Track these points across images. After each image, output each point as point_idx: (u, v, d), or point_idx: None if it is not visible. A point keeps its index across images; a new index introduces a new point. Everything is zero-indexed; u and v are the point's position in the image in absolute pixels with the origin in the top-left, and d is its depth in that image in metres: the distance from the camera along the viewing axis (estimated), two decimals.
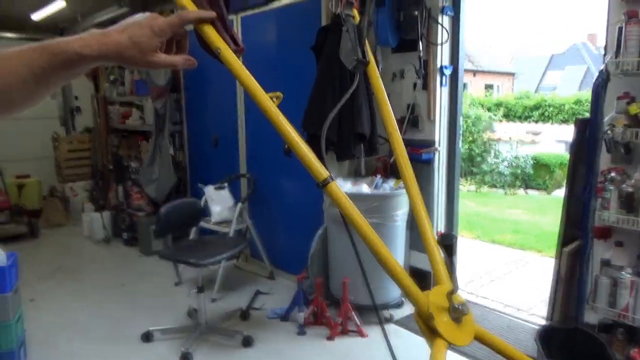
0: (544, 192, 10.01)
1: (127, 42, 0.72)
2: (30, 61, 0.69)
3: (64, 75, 0.72)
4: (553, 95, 15.45)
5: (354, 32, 1.03)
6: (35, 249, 4.95)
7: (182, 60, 0.78)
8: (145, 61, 0.74)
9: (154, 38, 0.73)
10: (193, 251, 3.05)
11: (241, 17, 3.82)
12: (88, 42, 0.71)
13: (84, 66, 0.72)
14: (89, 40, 0.71)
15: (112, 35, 0.72)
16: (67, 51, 0.69)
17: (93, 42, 0.71)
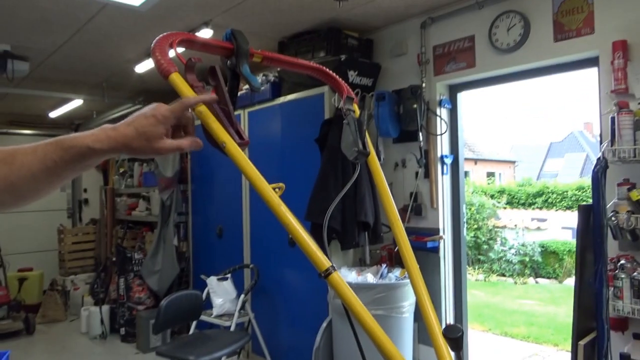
0: (555, 280, 9.75)
1: (134, 134, 0.76)
2: (45, 156, 0.73)
3: (76, 168, 0.76)
4: (555, 182, 15.62)
5: (354, 125, 1.07)
6: (30, 347, 4.76)
7: (188, 143, 0.81)
8: (152, 148, 0.77)
9: (158, 126, 0.77)
10: (192, 347, 2.92)
11: (248, 112, 3.99)
12: (99, 137, 0.75)
13: (95, 159, 0.76)
14: (99, 135, 0.75)
15: (120, 129, 0.76)
16: (80, 146, 0.74)
17: (103, 137, 0.75)
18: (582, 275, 2.38)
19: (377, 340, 0.78)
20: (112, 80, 4.96)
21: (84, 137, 0.75)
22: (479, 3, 3.00)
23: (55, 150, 0.73)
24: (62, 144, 0.73)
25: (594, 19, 2.56)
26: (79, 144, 0.74)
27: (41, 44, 3.82)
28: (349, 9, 3.19)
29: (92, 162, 0.77)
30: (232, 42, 0.98)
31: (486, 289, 8.85)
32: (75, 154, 0.73)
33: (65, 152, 0.73)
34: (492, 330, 5.63)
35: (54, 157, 0.73)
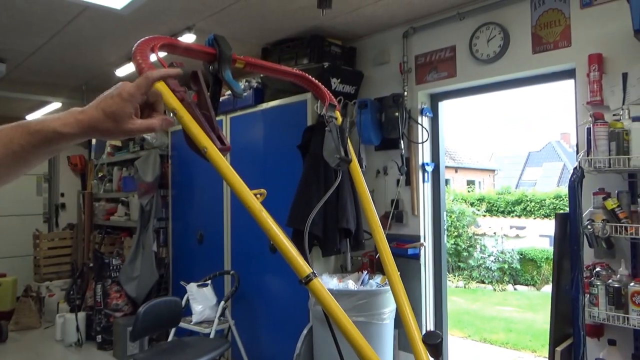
0: (533, 287, 9.89)
1: (101, 115, 0.74)
2: (10, 141, 0.70)
3: (43, 153, 0.73)
4: (533, 191, 15.88)
5: (336, 132, 1.07)
6: (2, 355, 4.62)
7: (159, 122, 0.78)
8: (121, 130, 0.75)
9: (125, 104, 0.75)
10: (171, 355, 2.88)
11: (230, 118, 3.98)
12: (67, 121, 0.73)
13: (64, 143, 0.74)
14: (67, 118, 0.73)
15: (88, 111, 0.74)
16: (47, 130, 0.71)
17: (72, 120, 0.73)
18: (559, 282, 2.42)
19: (358, 346, 0.78)
20: (92, 83, 4.89)
21: (51, 120, 0.72)
22: (460, 14, 3.06)
23: (21, 135, 0.70)
24: (29, 128, 0.71)
25: (571, 32, 2.63)
26: (46, 128, 0.71)
27: (19, 45, 3.75)
28: (332, 17, 3.22)
29: (61, 147, 0.74)
30: (214, 47, 0.98)
31: (466, 295, 8.93)
32: (42, 139, 0.71)
33: (32, 137, 0.70)
34: (472, 337, 5.68)
35: (20, 141, 0.70)
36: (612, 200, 2.29)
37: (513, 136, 44.46)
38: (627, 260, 2.33)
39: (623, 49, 2.42)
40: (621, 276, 2.24)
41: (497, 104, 53.86)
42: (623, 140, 2.20)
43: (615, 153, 2.21)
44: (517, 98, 54.58)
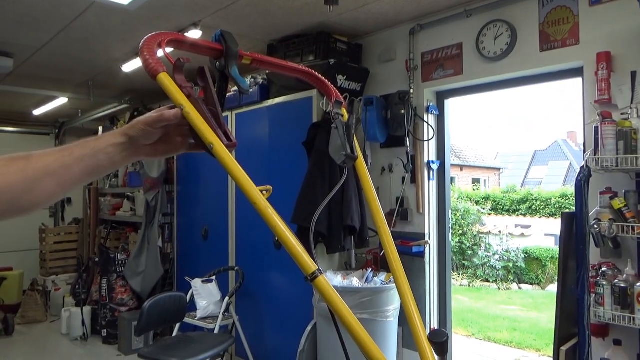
0: (538, 286, 9.86)
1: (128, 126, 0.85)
2: (61, 151, 0.79)
3: (88, 163, 0.81)
4: (539, 190, 15.80)
5: (342, 129, 1.07)
6: (9, 348, 4.66)
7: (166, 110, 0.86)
8: (144, 122, 0.84)
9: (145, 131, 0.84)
10: (175, 350, 2.90)
11: (236, 114, 3.98)
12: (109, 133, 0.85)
13: (104, 156, 0.82)
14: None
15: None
16: (92, 138, 0.82)
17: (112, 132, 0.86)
18: (565, 281, 2.41)
19: (363, 344, 0.78)
20: (99, 79, 4.91)
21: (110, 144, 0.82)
22: (467, 11, 3.04)
23: (71, 145, 0.79)
24: (80, 140, 0.81)
25: (579, 30, 2.60)
26: (92, 137, 0.82)
27: (26, 41, 3.76)
28: (338, 13, 3.21)
29: (103, 159, 0.80)
30: (221, 43, 0.97)
31: (470, 294, 8.91)
32: (83, 145, 0.79)
33: (78, 144, 0.79)
34: (476, 335, 5.67)
35: (69, 150, 0.78)
36: (619, 199, 2.27)
37: (519, 135, 44.26)
38: (633, 260, 2.32)
39: (632, 47, 2.40)
40: (627, 276, 2.23)
41: (503, 102, 53.57)
42: (631, 139, 2.19)
43: (622, 152, 2.19)
44: (523, 96, 54.34)
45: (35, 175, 0.75)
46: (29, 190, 0.74)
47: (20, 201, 0.74)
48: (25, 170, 0.74)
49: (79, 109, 6.29)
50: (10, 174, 0.73)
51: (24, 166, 0.75)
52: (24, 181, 0.74)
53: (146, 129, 0.83)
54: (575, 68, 2.68)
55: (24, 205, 0.75)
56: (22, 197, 0.74)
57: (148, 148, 0.86)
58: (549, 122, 49.47)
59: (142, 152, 0.85)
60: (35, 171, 0.75)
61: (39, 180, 0.75)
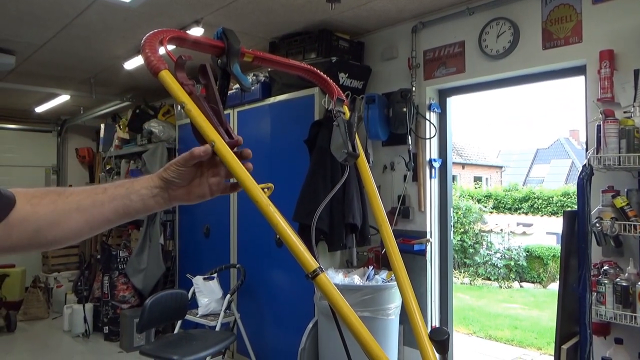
0: (539, 285, 9.85)
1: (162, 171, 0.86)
2: (94, 189, 0.79)
3: (118, 206, 0.80)
4: (541, 188, 15.77)
5: (344, 127, 1.07)
6: (11, 344, 4.68)
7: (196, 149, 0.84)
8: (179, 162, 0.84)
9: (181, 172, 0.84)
10: (177, 347, 2.90)
11: (237, 112, 3.98)
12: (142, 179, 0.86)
13: (138, 200, 0.82)
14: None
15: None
16: (126, 180, 0.83)
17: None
18: (566, 280, 2.41)
19: (364, 341, 0.78)
20: (101, 76, 4.91)
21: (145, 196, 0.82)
22: (470, 9, 3.03)
23: (107, 185, 0.80)
24: (117, 181, 0.82)
25: (582, 28, 2.60)
26: (129, 179, 0.82)
27: (28, 38, 3.77)
28: (340, 11, 3.20)
29: (136, 200, 0.80)
30: (223, 40, 0.97)
31: (471, 292, 8.91)
32: (119, 185, 0.80)
33: (114, 184, 0.79)
34: (477, 334, 5.67)
35: (103, 188, 0.78)
36: (621, 198, 2.27)
37: (521, 133, 44.18)
38: (635, 258, 2.31)
39: (635, 46, 2.39)
40: (629, 275, 2.22)
41: (505, 100, 53.50)
42: (634, 138, 2.18)
43: (625, 151, 2.18)
44: (525, 94, 54.21)
45: (64, 209, 0.74)
46: (55, 223, 0.74)
47: (44, 234, 0.73)
48: (56, 202, 0.74)
49: (80, 107, 6.29)
50: (42, 205, 0.73)
51: (56, 199, 0.74)
52: (52, 214, 0.73)
53: (178, 169, 0.82)
54: (578, 66, 2.67)
55: (48, 239, 0.74)
56: (47, 230, 0.73)
57: (182, 191, 0.84)
58: (551, 120, 49.38)
59: (176, 196, 0.84)
60: (66, 205, 0.74)
61: (67, 214, 0.74)
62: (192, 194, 0.85)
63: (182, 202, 0.86)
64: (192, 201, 0.87)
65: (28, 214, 0.71)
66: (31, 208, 0.72)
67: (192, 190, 0.85)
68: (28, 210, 0.71)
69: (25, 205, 0.72)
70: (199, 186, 0.86)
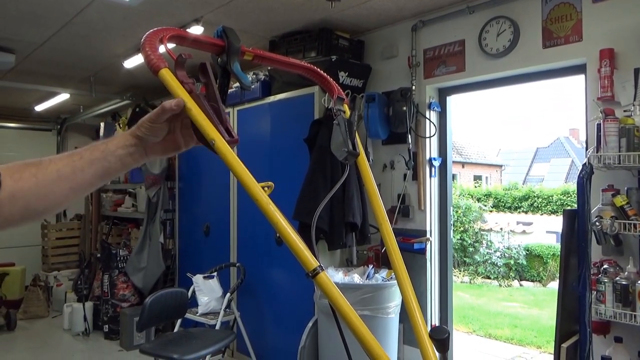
0: (539, 284, 9.85)
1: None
2: (71, 155, 0.80)
3: (98, 166, 0.82)
4: (541, 187, 15.77)
5: (344, 125, 1.07)
6: (11, 343, 4.68)
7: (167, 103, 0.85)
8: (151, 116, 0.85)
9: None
10: (177, 346, 2.90)
11: (237, 110, 3.98)
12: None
13: (114, 159, 0.83)
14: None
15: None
16: (100, 141, 0.84)
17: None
18: (566, 279, 2.41)
19: (364, 340, 0.78)
20: (100, 74, 4.90)
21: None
22: (470, 8, 3.03)
23: (81, 150, 0.80)
24: (89, 144, 0.82)
25: (582, 27, 2.59)
26: (101, 141, 0.83)
27: (28, 37, 3.76)
28: (340, 10, 3.20)
29: (114, 161, 0.81)
30: (223, 39, 0.97)
31: (471, 291, 8.92)
32: (94, 149, 0.81)
33: (88, 148, 0.81)
34: (477, 332, 5.68)
35: (79, 154, 0.79)
36: (621, 197, 2.27)
37: (521, 132, 44.16)
38: (635, 257, 2.31)
39: (635, 44, 2.39)
40: (629, 273, 2.22)
41: (505, 99, 53.47)
42: (634, 137, 2.18)
43: (625, 149, 2.18)
44: (525, 93, 54.18)
45: (47, 179, 0.75)
46: (42, 195, 0.75)
47: (34, 206, 0.75)
48: (37, 175, 0.75)
49: (80, 105, 6.28)
50: (23, 179, 0.74)
51: (36, 171, 0.75)
52: (36, 186, 0.74)
53: (152, 125, 0.83)
54: (578, 65, 2.67)
55: (39, 209, 0.76)
56: (36, 202, 0.75)
57: (158, 146, 0.86)
58: (551, 119, 49.38)
59: (152, 151, 0.86)
60: (47, 175, 0.76)
61: (51, 184, 0.76)
62: (167, 148, 0.88)
63: (160, 155, 0.88)
64: (168, 154, 0.89)
65: (14, 189, 0.72)
66: (14, 183, 0.73)
67: (168, 146, 0.88)
68: (13, 186, 0.72)
69: (8, 181, 0.72)
70: (173, 140, 0.88)
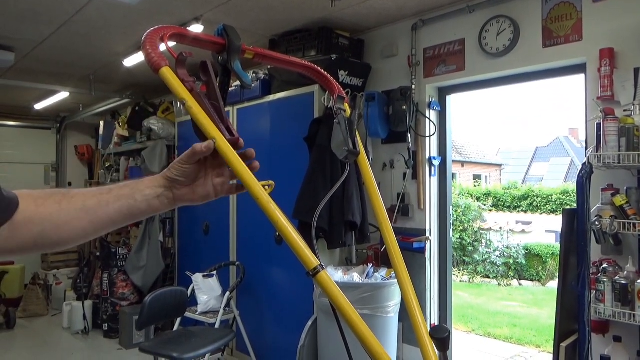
0: (538, 283, 9.86)
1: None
2: (99, 189, 0.79)
3: (123, 206, 0.80)
4: (540, 186, 15.78)
5: (345, 124, 1.07)
6: (10, 341, 4.68)
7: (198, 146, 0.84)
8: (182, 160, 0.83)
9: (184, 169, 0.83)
10: (176, 344, 2.90)
11: (237, 109, 3.97)
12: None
13: (143, 201, 0.81)
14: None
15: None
16: (130, 181, 0.83)
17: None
18: (565, 278, 2.41)
19: (364, 339, 0.78)
20: (100, 73, 4.90)
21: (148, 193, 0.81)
22: (470, 7, 3.03)
23: (112, 185, 0.79)
24: (122, 182, 0.82)
25: (583, 27, 2.59)
26: (134, 180, 0.82)
27: (27, 35, 3.76)
28: (340, 8, 3.20)
29: (141, 200, 0.79)
30: (224, 37, 0.97)
31: (470, 290, 8.92)
32: (124, 186, 0.79)
33: (119, 185, 0.79)
34: (476, 331, 5.68)
35: (108, 189, 0.78)
36: (620, 196, 2.27)
37: (520, 131, 44.17)
38: (634, 257, 2.32)
39: (635, 44, 2.39)
40: (628, 273, 2.23)
41: (505, 98, 53.46)
42: (633, 136, 2.18)
43: (625, 149, 2.19)
44: (525, 92, 54.20)
45: (69, 209, 0.74)
46: (60, 224, 0.73)
47: (49, 234, 0.73)
48: (61, 203, 0.73)
49: (80, 104, 6.28)
50: (46, 205, 0.72)
51: (61, 199, 0.74)
52: (57, 214, 0.73)
53: (182, 167, 0.81)
54: (578, 64, 2.67)
55: (53, 239, 0.74)
56: (52, 231, 0.73)
57: (186, 191, 0.83)
58: (550, 118, 49.38)
59: (181, 196, 0.83)
60: (71, 205, 0.74)
61: (72, 215, 0.74)
62: (196, 193, 0.84)
63: (187, 202, 0.85)
64: (196, 201, 0.85)
65: (33, 214, 0.71)
66: (36, 208, 0.71)
67: (196, 190, 0.84)
68: (33, 211, 0.71)
69: (30, 205, 0.71)
70: (204, 186, 0.85)
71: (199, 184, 0.84)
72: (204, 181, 0.85)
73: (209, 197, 0.86)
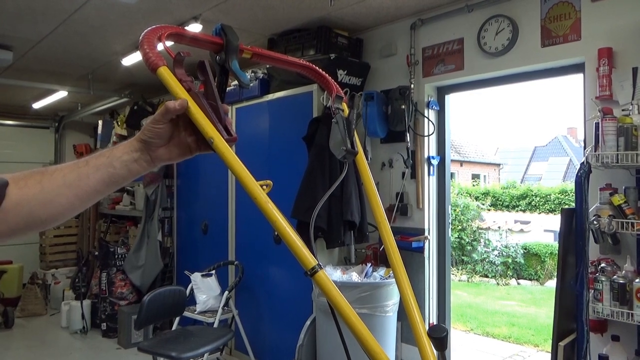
0: (537, 282, 9.87)
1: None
2: (76, 163, 0.79)
3: (103, 172, 0.80)
4: (539, 185, 15.80)
5: (343, 124, 1.06)
6: (8, 341, 4.68)
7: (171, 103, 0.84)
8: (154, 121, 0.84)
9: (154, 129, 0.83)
10: (175, 344, 2.90)
11: (235, 108, 3.97)
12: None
13: (120, 166, 0.82)
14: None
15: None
16: (107, 148, 0.83)
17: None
18: (564, 277, 2.41)
19: (362, 338, 0.78)
20: (98, 72, 4.89)
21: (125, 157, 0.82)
22: (469, 6, 3.03)
23: (88, 157, 0.79)
24: (97, 152, 0.82)
25: (581, 26, 2.60)
26: (108, 148, 0.82)
27: (26, 34, 3.75)
28: (339, 8, 3.19)
29: (119, 167, 0.80)
30: (222, 37, 0.97)
31: (469, 289, 8.93)
32: (100, 155, 0.80)
33: (94, 155, 0.79)
34: (474, 331, 5.69)
35: (85, 161, 0.78)
36: (618, 196, 2.27)
37: (519, 130, 44.22)
38: (632, 256, 2.32)
39: (634, 43, 2.39)
40: (626, 272, 2.23)
41: (503, 97, 53.50)
42: (632, 136, 2.18)
43: (623, 148, 2.19)
44: (524, 92, 54.22)
45: (52, 186, 0.74)
46: (46, 202, 0.74)
47: (38, 214, 0.74)
48: (42, 182, 0.74)
49: (78, 103, 6.27)
50: (28, 186, 0.73)
51: (41, 178, 0.75)
52: (41, 193, 0.74)
53: (154, 127, 0.81)
54: (576, 64, 2.67)
55: (42, 217, 0.75)
56: (40, 210, 0.74)
57: (163, 151, 0.84)
58: (549, 118, 49.46)
59: (158, 157, 0.84)
60: (52, 182, 0.75)
61: (55, 191, 0.75)
62: (173, 152, 0.85)
63: (166, 161, 0.86)
64: (175, 159, 0.87)
65: (19, 197, 0.72)
66: (19, 191, 0.72)
67: (172, 149, 0.85)
68: (18, 194, 0.72)
69: (14, 189, 0.72)
70: (179, 144, 0.86)
71: (174, 142, 0.85)
72: (178, 140, 0.85)
73: (186, 154, 0.87)
